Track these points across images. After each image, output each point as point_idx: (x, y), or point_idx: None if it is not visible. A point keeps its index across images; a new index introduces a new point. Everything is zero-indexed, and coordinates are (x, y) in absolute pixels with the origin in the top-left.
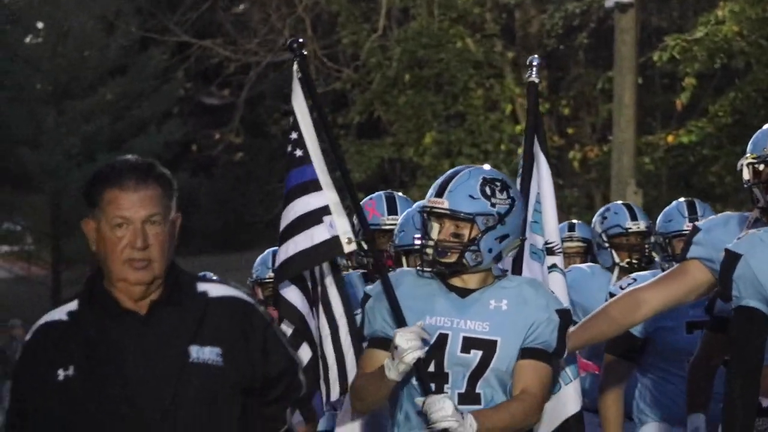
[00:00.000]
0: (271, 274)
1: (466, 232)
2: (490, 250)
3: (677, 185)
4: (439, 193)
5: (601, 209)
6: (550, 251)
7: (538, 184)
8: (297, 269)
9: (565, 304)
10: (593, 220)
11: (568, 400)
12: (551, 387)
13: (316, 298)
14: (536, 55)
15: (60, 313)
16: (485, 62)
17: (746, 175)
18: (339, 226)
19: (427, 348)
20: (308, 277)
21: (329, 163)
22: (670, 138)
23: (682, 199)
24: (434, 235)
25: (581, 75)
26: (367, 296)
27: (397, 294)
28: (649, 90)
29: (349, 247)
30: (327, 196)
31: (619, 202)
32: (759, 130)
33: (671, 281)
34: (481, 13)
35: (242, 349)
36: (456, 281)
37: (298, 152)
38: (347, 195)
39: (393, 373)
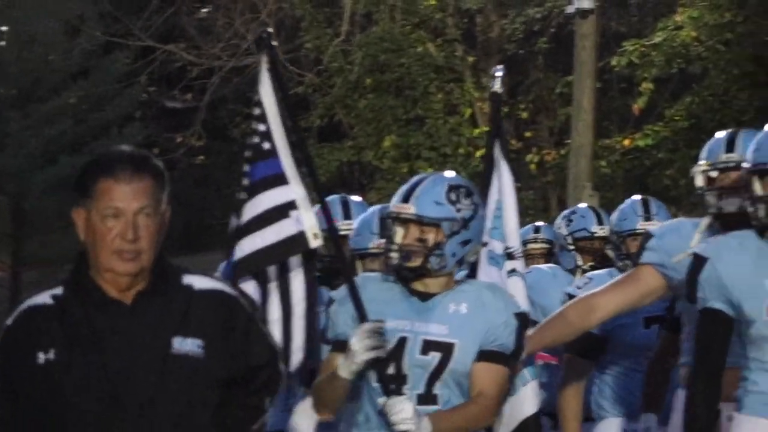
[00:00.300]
0: None
1: (431, 236)
2: (453, 255)
3: (632, 188)
4: (405, 199)
5: (567, 212)
6: (510, 256)
7: (499, 190)
8: (262, 263)
9: (524, 307)
10: (557, 222)
11: (525, 401)
12: (508, 389)
13: (268, 288)
14: (500, 66)
15: (44, 297)
16: (446, 66)
17: (700, 181)
18: (306, 220)
19: (384, 348)
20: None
21: (296, 157)
22: (626, 141)
23: (636, 197)
24: (398, 239)
25: (540, 79)
26: (331, 300)
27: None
28: (606, 94)
29: (315, 242)
30: (294, 190)
31: (585, 205)
32: (712, 138)
33: (625, 286)
34: (443, 18)
35: (224, 341)
36: (418, 285)
37: (266, 145)
38: (312, 190)
39: (344, 372)
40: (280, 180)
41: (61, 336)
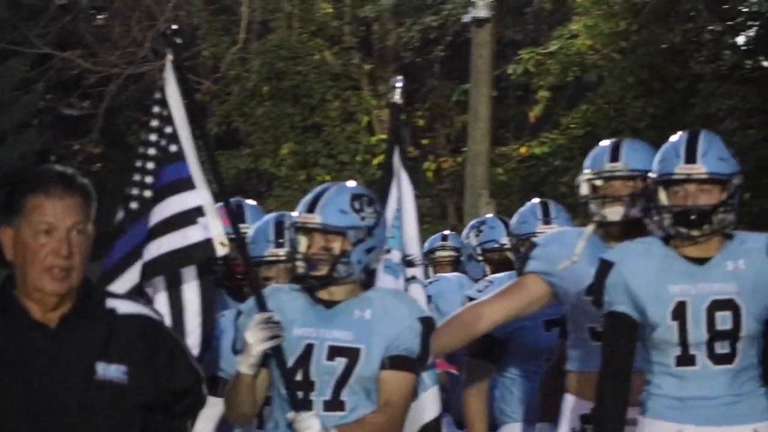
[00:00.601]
0: None
1: (336, 245)
2: (359, 262)
3: (529, 195)
4: (310, 209)
5: (475, 222)
6: (410, 264)
7: (398, 199)
8: (169, 267)
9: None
10: (465, 232)
11: (426, 406)
12: (414, 394)
13: (157, 283)
14: (399, 77)
15: None
16: (343, 74)
17: (584, 190)
18: (213, 228)
19: (279, 337)
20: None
21: (202, 161)
22: (523, 149)
23: (536, 201)
24: (302, 249)
25: (437, 87)
26: (239, 312)
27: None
28: (502, 102)
29: (222, 250)
30: (201, 195)
31: (492, 215)
32: (596, 147)
33: (511, 295)
34: (340, 26)
35: (148, 367)
36: (323, 294)
37: (173, 147)
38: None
39: (243, 367)
40: (187, 184)
41: None
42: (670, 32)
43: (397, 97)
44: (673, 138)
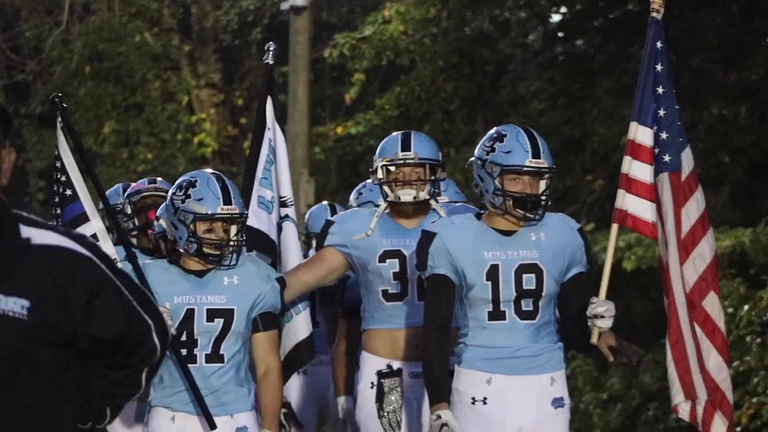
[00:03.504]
0: None
1: (232, 229)
2: None
3: (345, 172)
4: (229, 201)
5: (359, 186)
6: (284, 204)
7: (271, 147)
8: None
9: (296, 249)
10: (351, 196)
11: (299, 327)
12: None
13: None
14: (272, 43)
15: None
16: (163, 55)
17: (380, 174)
18: (105, 249)
19: (174, 325)
20: None
21: (94, 195)
22: (339, 129)
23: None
24: (201, 233)
25: (255, 68)
26: None
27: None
28: (318, 82)
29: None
30: (93, 225)
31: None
32: (387, 137)
33: (312, 266)
34: (159, 9)
35: (58, 304)
36: (192, 265)
37: (68, 191)
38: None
39: None
40: (84, 218)
41: None
42: (479, 17)
43: (269, 58)
44: (510, 133)
